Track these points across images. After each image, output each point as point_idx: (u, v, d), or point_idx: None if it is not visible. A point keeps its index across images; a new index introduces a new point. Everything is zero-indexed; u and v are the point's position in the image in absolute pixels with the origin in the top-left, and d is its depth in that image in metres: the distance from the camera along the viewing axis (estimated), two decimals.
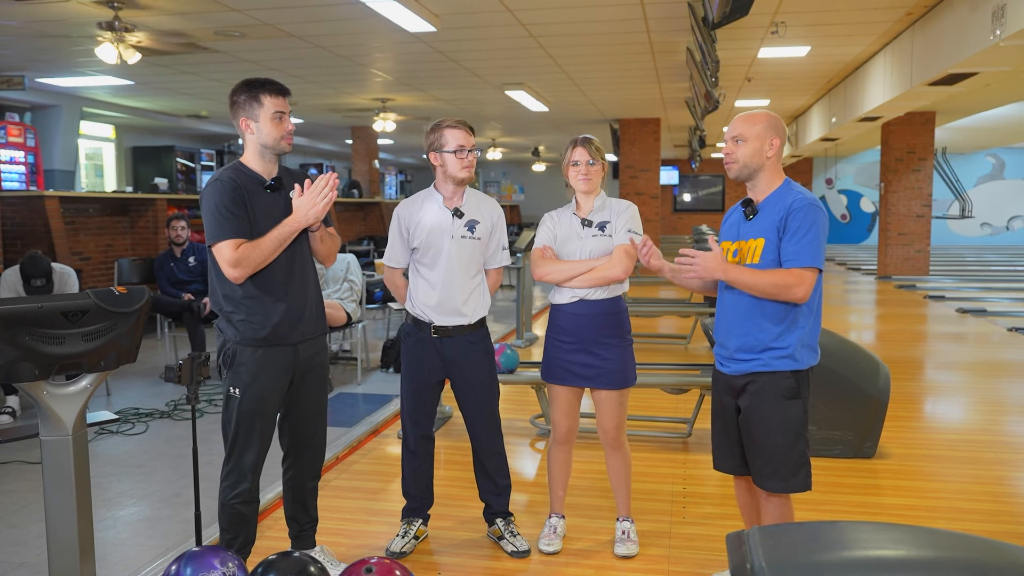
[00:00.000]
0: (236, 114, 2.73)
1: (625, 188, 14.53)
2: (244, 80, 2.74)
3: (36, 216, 7.30)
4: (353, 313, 6.28)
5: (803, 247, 2.45)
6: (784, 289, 2.45)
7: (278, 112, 2.71)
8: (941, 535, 1.60)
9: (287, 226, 2.69)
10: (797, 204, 2.48)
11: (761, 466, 2.57)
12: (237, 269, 2.62)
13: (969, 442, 4.72)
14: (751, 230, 2.58)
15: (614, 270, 3.01)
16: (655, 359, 6.66)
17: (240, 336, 2.71)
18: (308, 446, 2.93)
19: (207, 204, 2.66)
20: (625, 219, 3.08)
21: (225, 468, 2.79)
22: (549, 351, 3.16)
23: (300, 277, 2.80)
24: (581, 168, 3.07)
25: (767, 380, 2.53)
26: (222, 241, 2.63)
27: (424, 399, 3.21)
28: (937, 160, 21.55)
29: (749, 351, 2.56)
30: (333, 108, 12.69)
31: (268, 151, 2.74)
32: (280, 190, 2.76)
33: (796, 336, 2.52)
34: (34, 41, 7.86)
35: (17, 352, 2.10)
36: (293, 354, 2.77)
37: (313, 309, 2.84)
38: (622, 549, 3.16)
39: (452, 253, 3.08)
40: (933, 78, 7.36)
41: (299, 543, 3.01)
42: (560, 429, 3.19)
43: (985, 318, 9.35)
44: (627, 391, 3.14)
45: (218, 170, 2.82)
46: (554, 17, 7.12)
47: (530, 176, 25.28)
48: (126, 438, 4.84)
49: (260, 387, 2.72)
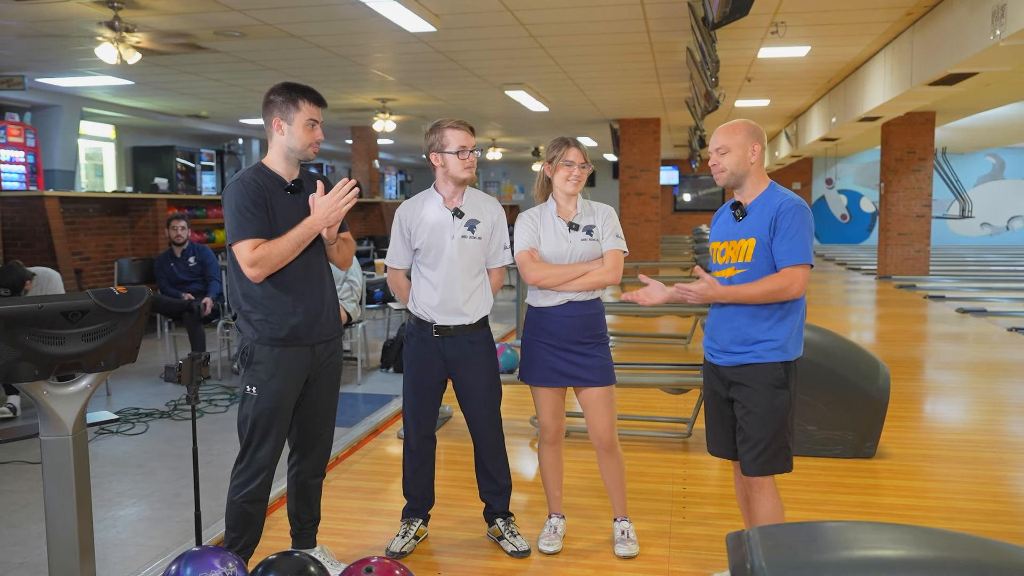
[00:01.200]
0: (270, 112, 2.75)
1: (625, 188, 14.53)
2: (285, 83, 2.77)
3: (36, 216, 7.30)
4: (353, 313, 6.28)
5: (794, 245, 2.60)
6: (780, 292, 2.61)
7: (312, 120, 2.75)
8: (941, 535, 1.60)
9: (305, 227, 2.71)
10: (786, 206, 2.63)
11: (745, 452, 2.70)
12: (255, 268, 2.65)
13: (969, 442, 4.72)
14: (741, 231, 2.71)
15: (610, 275, 3.08)
16: (655, 359, 6.67)
17: (258, 335, 2.73)
18: (316, 443, 2.95)
19: (229, 203, 2.69)
20: (611, 224, 3.14)
21: (238, 466, 2.79)
22: (532, 354, 3.16)
23: (318, 279, 2.83)
24: (574, 170, 3.08)
25: (759, 371, 2.66)
26: (242, 241, 2.66)
27: (426, 399, 3.21)
28: (937, 160, 21.56)
29: (742, 343, 2.68)
30: (333, 108, 12.69)
31: (294, 155, 2.78)
32: (300, 192, 2.79)
33: (787, 328, 2.67)
34: (34, 41, 7.86)
35: (17, 352, 2.10)
36: (310, 354, 2.80)
37: (330, 311, 2.88)
38: (623, 549, 3.17)
39: (453, 253, 3.09)
40: (933, 78, 7.36)
41: (300, 542, 3.01)
42: (550, 430, 3.21)
43: (985, 318, 9.35)
44: (614, 389, 3.17)
45: (241, 170, 2.87)
46: (554, 17, 7.12)
47: (530, 176, 25.26)
48: (126, 438, 4.84)
49: (277, 386, 2.74)
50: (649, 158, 14.49)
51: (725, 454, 2.83)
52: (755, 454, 2.66)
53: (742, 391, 2.69)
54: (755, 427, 2.65)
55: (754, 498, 2.75)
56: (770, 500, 2.72)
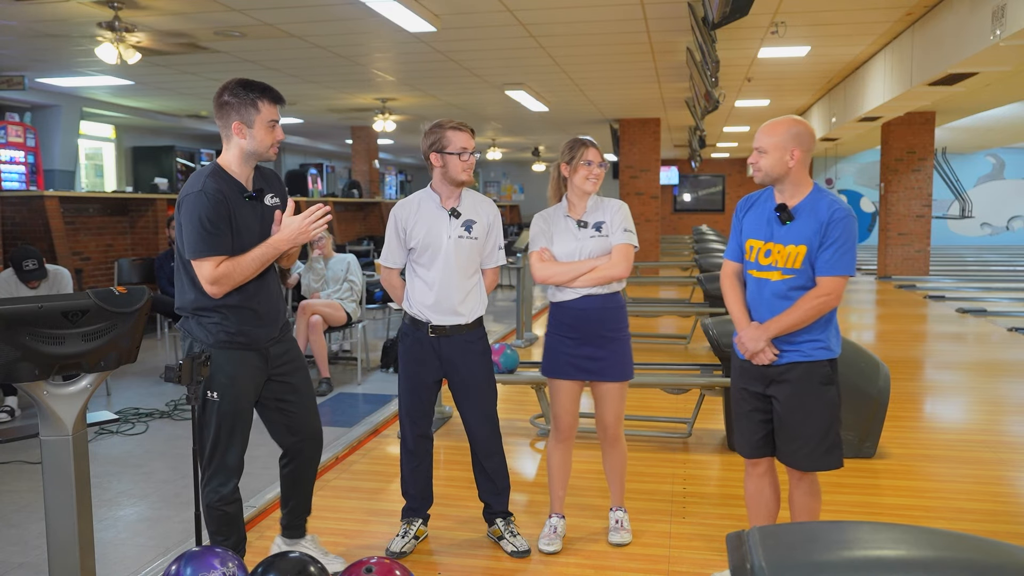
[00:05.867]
0: (227, 115, 2.62)
1: (625, 188, 14.53)
2: (238, 80, 2.64)
3: (36, 216, 7.30)
4: (353, 313, 6.28)
5: (840, 257, 2.59)
6: (823, 308, 2.62)
7: (273, 120, 2.66)
8: (941, 535, 1.59)
9: (270, 246, 2.65)
10: (838, 215, 2.60)
11: (797, 448, 2.69)
12: (216, 286, 2.60)
13: (969, 442, 4.71)
14: (790, 236, 2.65)
15: (616, 269, 3.08)
16: (655, 359, 6.66)
17: (213, 339, 2.68)
18: (310, 436, 2.94)
19: (190, 215, 2.57)
20: (620, 218, 3.13)
21: (207, 472, 2.74)
22: (552, 347, 3.19)
23: (271, 280, 2.81)
24: (594, 169, 3.11)
25: (807, 369, 2.67)
26: (203, 259, 2.58)
27: (422, 398, 3.21)
28: (937, 160, 21.56)
29: (787, 343, 2.68)
30: (333, 108, 12.69)
31: (254, 158, 2.69)
32: (260, 200, 2.73)
33: (832, 327, 2.70)
34: (34, 41, 7.86)
35: (17, 352, 2.10)
36: (265, 356, 2.78)
37: (280, 312, 2.85)
38: (616, 537, 3.22)
39: (450, 253, 3.09)
40: (933, 78, 7.37)
41: (290, 532, 3.00)
42: (562, 425, 3.22)
43: (985, 318, 9.35)
44: (627, 384, 3.21)
45: (198, 177, 2.65)
46: (554, 17, 7.12)
47: (530, 176, 25.27)
48: (126, 438, 4.84)
49: (238, 388, 2.71)
50: (649, 158, 14.50)
51: (752, 453, 2.81)
52: (808, 450, 2.67)
53: (787, 388, 2.68)
54: (806, 424, 2.66)
55: (800, 490, 2.77)
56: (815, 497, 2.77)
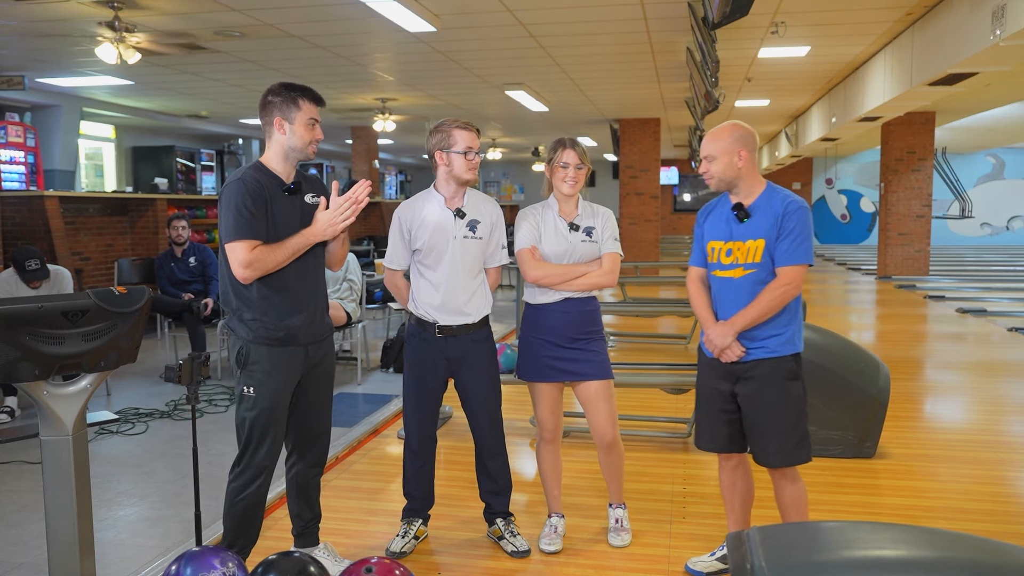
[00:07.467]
0: (269, 113, 2.74)
1: (625, 188, 14.53)
2: (282, 83, 2.77)
3: (36, 216, 7.30)
4: (353, 313, 6.28)
5: (797, 247, 2.69)
6: (785, 297, 2.70)
7: (312, 119, 2.76)
8: (940, 535, 1.60)
9: (304, 237, 2.73)
10: (792, 207, 2.71)
11: (766, 444, 2.74)
12: (248, 270, 2.65)
13: (968, 442, 4.72)
14: (748, 232, 2.75)
15: (607, 278, 3.14)
16: (655, 359, 6.67)
17: (253, 335, 2.73)
18: (315, 441, 2.96)
19: (228, 202, 2.67)
20: (611, 227, 3.19)
21: (236, 468, 2.79)
22: (530, 350, 3.19)
23: (312, 280, 2.84)
24: (570, 171, 3.12)
25: (772, 365, 2.72)
26: (238, 240, 2.65)
27: (428, 400, 3.21)
28: (937, 160, 21.55)
29: (751, 340, 2.73)
30: (333, 108, 12.69)
31: (295, 154, 2.78)
32: (298, 194, 2.80)
33: (796, 322, 2.77)
34: (34, 41, 7.86)
35: (17, 352, 2.10)
36: (304, 354, 2.81)
37: (323, 311, 2.90)
38: (616, 539, 3.23)
39: (455, 253, 3.09)
40: (933, 78, 7.36)
41: (303, 540, 3.01)
42: (548, 427, 3.23)
43: (985, 318, 9.35)
44: (612, 385, 3.21)
45: (240, 168, 2.85)
46: (554, 17, 7.12)
47: (530, 176, 25.27)
48: (126, 438, 4.84)
49: (274, 385, 2.74)
50: (649, 158, 14.49)
51: (719, 449, 2.88)
52: (777, 445, 2.72)
53: (753, 385, 2.73)
54: (774, 419, 2.71)
55: (781, 485, 2.81)
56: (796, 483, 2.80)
